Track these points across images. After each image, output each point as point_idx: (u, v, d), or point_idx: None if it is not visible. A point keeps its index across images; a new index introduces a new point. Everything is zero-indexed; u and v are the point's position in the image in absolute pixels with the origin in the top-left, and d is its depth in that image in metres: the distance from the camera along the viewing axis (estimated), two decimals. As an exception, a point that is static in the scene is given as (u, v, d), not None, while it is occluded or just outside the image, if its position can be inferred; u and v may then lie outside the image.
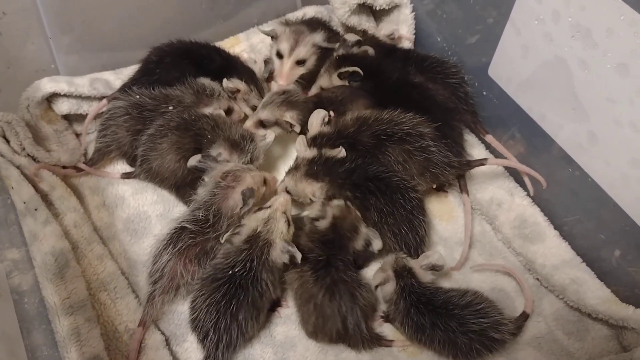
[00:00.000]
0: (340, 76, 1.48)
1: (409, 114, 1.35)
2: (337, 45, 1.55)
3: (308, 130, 1.42)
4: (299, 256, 1.17)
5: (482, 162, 1.37)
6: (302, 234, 1.27)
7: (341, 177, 1.29)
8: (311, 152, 1.34)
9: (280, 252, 1.19)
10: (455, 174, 1.37)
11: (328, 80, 1.52)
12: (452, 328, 1.14)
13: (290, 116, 1.43)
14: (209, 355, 1.16)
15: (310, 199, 1.33)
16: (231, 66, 1.55)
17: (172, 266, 1.21)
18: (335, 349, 1.26)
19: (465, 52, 1.53)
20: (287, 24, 1.59)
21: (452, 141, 1.39)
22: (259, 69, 1.61)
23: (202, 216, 1.23)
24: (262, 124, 1.45)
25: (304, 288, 1.20)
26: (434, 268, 1.23)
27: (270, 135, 1.41)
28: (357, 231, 1.25)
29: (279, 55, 1.55)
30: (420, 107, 1.39)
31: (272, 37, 1.58)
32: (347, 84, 1.49)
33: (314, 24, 1.61)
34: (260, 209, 1.25)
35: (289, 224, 1.22)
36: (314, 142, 1.36)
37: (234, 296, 1.15)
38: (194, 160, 1.31)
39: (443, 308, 1.16)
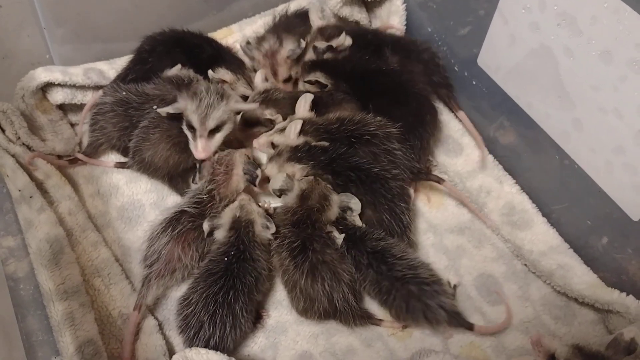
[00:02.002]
0: (309, 83, 1.50)
1: (378, 117, 1.37)
2: (306, 44, 1.55)
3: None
4: (272, 227, 1.23)
5: (439, 180, 1.41)
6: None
7: (323, 163, 1.31)
8: (297, 140, 1.35)
9: (261, 227, 1.24)
10: (412, 179, 1.40)
11: (303, 87, 1.54)
12: (382, 271, 1.21)
13: (269, 113, 1.45)
14: None
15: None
16: (220, 56, 1.57)
17: (170, 249, 1.23)
18: (325, 333, 1.28)
19: (457, 43, 1.54)
20: (260, 42, 1.59)
21: (419, 142, 1.41)
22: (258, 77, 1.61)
23: (205, 197, 1.28)
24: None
25: (287, 275, 1.22)
26: (349, 208, 1.27)
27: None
28: (328, 199, 1.26)
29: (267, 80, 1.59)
30: (395, 97, 1.43)
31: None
32: (319, 89, 1.50)
33: (294, 24, 1.63)
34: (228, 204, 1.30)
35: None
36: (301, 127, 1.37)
37: (231, 287, 1.17)
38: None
39: (380, 254, 1.22)
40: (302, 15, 1.67)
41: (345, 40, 1.52)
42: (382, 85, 1.47)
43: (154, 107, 1.42)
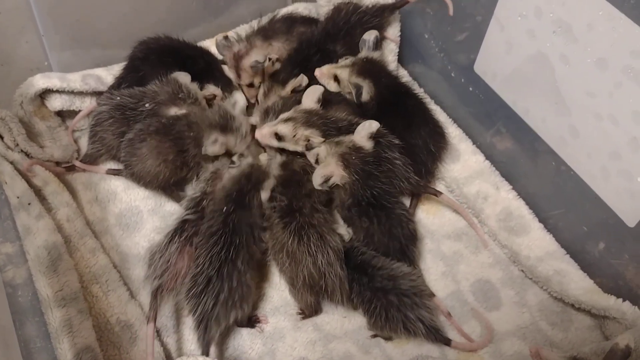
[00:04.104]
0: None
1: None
2: (270, 61, 1.52)
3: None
4: (268, 193, 1.29)
5: (436, 192, 1.41)
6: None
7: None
8: (368, 144, 1.32)
9: (266, 186, 1.29)
10: (409, 191, 1.40)
11: (346, 74, 1.47)
12: (363, 282, 1.23)
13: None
14: (203, 316, 1.16)
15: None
16: (211, 72, 1.57)
17: (178, 255, 1.23)
18: (323, 339, 1.29)
19: (454, 50, 1.55)
20: (237, 42, 1.58)
21: (424, 168, 1.43)
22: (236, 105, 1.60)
23: (199, 195, 1.31)
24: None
25: (276, 238, 1.25)
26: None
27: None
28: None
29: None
30: (409, 119, 1.44)
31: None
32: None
33: (277, 30, 1.62)
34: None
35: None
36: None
37: (231, 244, 1.20)
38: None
39: (360, 266, 1.25)
40: (288, 20, 1.65)
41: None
42: (405, 107, 1.46)
43: (146, 105, 1.43)
